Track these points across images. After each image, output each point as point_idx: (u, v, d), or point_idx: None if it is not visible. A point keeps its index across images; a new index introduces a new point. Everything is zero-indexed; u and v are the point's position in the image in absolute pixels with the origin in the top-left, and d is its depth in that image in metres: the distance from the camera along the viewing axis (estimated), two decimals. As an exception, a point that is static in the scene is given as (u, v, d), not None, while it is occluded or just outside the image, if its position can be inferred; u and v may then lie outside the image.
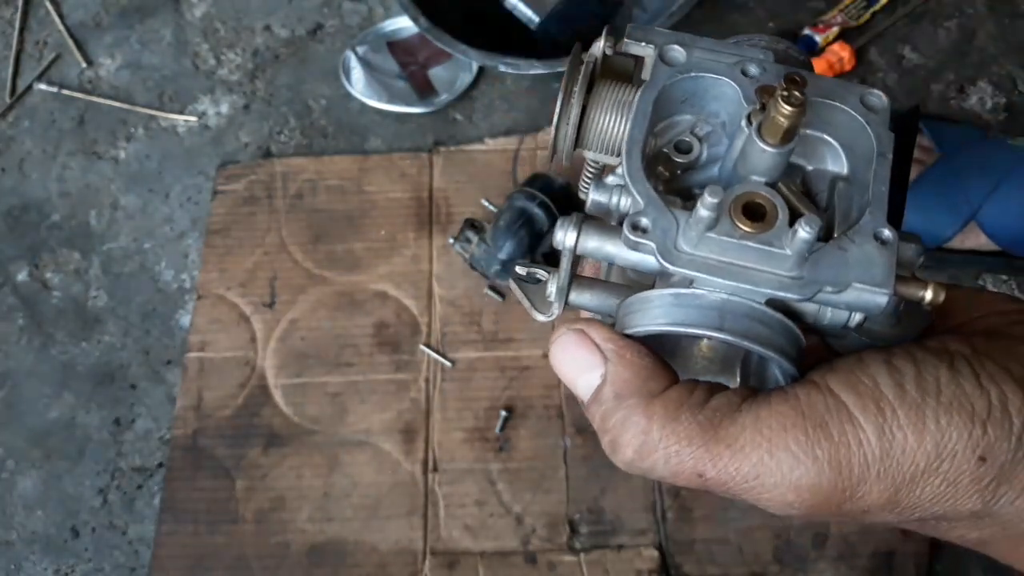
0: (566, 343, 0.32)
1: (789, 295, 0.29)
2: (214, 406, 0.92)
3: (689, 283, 0.30)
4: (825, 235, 0.30)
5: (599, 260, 0.32)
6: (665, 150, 0.33)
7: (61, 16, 1.20)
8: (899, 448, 0.27)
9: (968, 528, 0.29)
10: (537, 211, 0.91)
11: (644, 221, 0.30)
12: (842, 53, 1.05)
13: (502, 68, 1.01)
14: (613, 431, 0.30)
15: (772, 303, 0.30)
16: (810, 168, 0.33)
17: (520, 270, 0.36)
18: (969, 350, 0.29)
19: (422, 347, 0.94)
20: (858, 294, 0.29)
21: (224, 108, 1.12)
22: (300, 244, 1.01)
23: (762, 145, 0.30)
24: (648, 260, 0.30)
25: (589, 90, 0.33)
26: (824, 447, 0.28)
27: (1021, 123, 1.03)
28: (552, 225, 0.93)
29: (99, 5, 1.21)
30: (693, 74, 0.33)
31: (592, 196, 0.32)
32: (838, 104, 0.32)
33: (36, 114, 1.13)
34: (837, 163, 0.32)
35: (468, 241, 0.94)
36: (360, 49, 1.13)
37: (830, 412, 0.28)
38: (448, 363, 0.93)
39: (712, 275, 0.29)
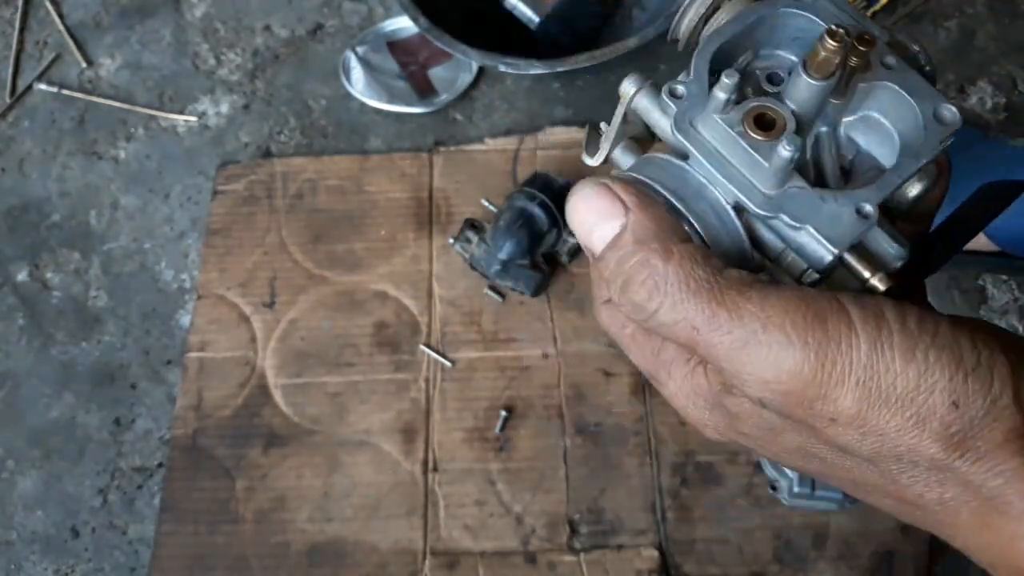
0: (587, 194, 0.33)
1: (750, 204, 0.31)
2: (214, 406, 0.92)
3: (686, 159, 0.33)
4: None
5: (642, 121, 0.35)
6: (758, 73, 0.36)
7: (61, 16, 1.20)
8: (885, 365, 0.28)
9: (929, 483, 0.30)
10: (537, 211, 0.91)
11: (681, 89, 0.33)
12: (842, 53, 1.05)
13: (502, 68, 1.01)
14: (628, 271, 0.31)
15: (740, 212, 0.32)
16: (863, 149, 0.35)
17: (603, 126, 0.38)
18: (976, 325, 0.31)
19: (422, 347, 0.94)
20: (809, 240, 0.31)
21: (224, 108, 1.12)
22: (300, 244, 1.01)
23: (802, 74, 0.32)
24: (667, 127, 0.33)
25: None
26: (817, 336, 0.29)
27: (1021, 123, 1.03)
28: (552, 225, 0.93)
29: (99, 5, 1.21)
30: (802, 12, 0.34)
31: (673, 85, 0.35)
32: (912, 101, 0.33)
33: (36, 114, 1.13)
34: (889, 155, 0.34)
35: (468, 241, 0.94)
36: (360, 49, 1.13)
37: (833, 312, 0.29)
38: (448, 363, 0.93)
39: (703, 157, 0.32)
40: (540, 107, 1.09)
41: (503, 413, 0.90)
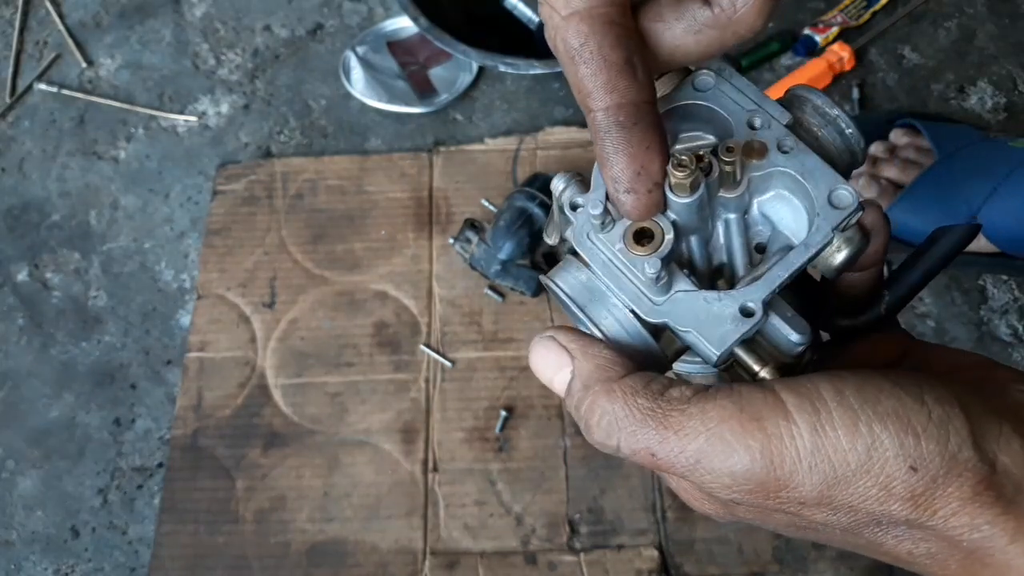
0: (539, 349, 0.35)
1: (639, 311, 0.34)
2: (214, 406, 0.92)
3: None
4: (730, 285, 0.35)
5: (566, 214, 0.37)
6: (677, 155, 0.37)
7: (61, 16, 1.20)
8: (831, 446, 0.29)
9: (915, 540, 0.30)
10: (537, 211, 0.91)
11: (580, 200, 0.35)
12: (842, 53, 1.05)
13: (502, 68, 1.01)
14: (585, 416, 0.33)
15: (639, 316, 0.34)
16: (777, 227, 0.36)
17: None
18: (919, 375, 0.31)
19: (422, 347, 0.94)
20: (695, 340, 0.33)
21: (224, 108, 1.12)
22: (300, 244, 1.01)
23: (672, 197, 0.33)
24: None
25: None
26: (757, 438, 0.29)
27: (1021, 123, 1.03)
28: (552, 225, 0.93)
29: (99, 5, 1.21)
30: (704, 103, 0.36)
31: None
32: (806, 186, 0.34)
33: (36, 114, 1.13)
34: (803, 230, 0.35)
35: (468, 241, 0.94)
36: (360, 49, 1.13)
37: (768, 408, 0.30)
38: (448, 363, 0.93)
39: (598, 268, 0.34)
40: (540, 107, 1.08)
41: (503, 413, 0.90)
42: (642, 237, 0.33)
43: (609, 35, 0.32)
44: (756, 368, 0.33)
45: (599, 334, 0.35)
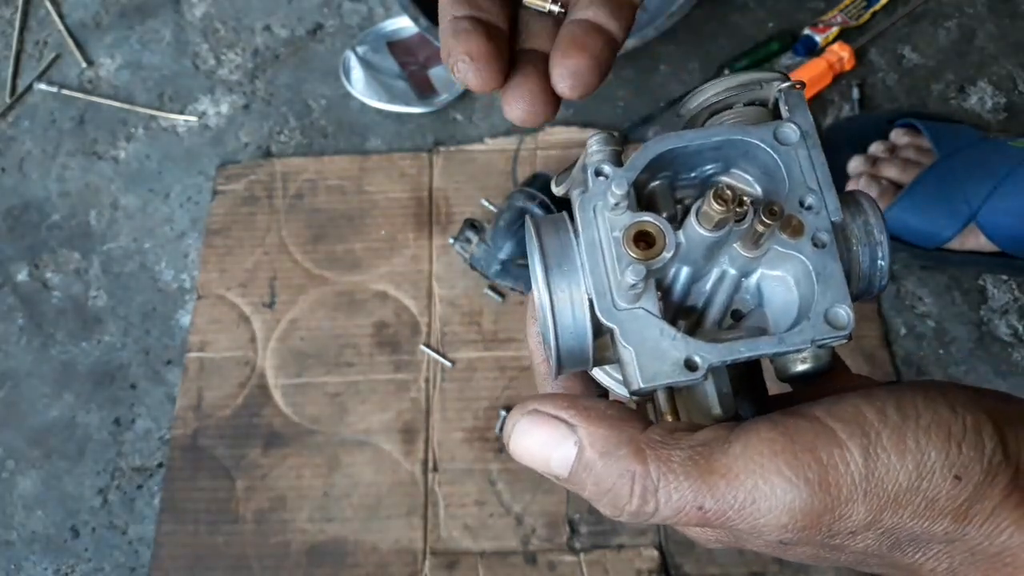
0: (526, 428, 0.32)
1: (597, 306, 0.32)
2: (214, 406, 0.92)
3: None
4: (689, 330, 0.33)
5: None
6: (720, 185, 0.36)
7: (61, 16, 1.20)
8: (883, 468, 0.29)
9: (939, 556, 0.31)
10: (537, 211, 0.91)
11: (608, 170, 0.33)
12: (842, 53, 1.05)
13: (502, 68, 1.00)
14: (612, 488, 0.30)
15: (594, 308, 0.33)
16: (764, 306, 0.35)
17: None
18: (940, 387, 0.31)
19: (422, 347, 0.94)
20: (629, 361, 0.31)
21: (224, 108, 1.12)
22: (300, 244, 1.01)
23: (691, 218, 0.32)
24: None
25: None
26: (814, 469, 0.29)
27: (1021, 123, 1.03)
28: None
29: (99, 5, 1.21)
30: (775, 156, 0.34)
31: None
32: (816, 288, 0.32)
33: (36, 114, 1.13)
34: (784, 322, 0.34)
35: (468, 241, 0.94)
36: (360, 49, 1.13)
37: (818, 437, 0.29)
38: (448, 363, 0.93)
39: (584, 242, 0.33)
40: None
41: (503, 413, 0.90)
42: (642, 239, 0.32)
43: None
44: (664, 413, 0.32)
45: (546, 303, 0.32)
